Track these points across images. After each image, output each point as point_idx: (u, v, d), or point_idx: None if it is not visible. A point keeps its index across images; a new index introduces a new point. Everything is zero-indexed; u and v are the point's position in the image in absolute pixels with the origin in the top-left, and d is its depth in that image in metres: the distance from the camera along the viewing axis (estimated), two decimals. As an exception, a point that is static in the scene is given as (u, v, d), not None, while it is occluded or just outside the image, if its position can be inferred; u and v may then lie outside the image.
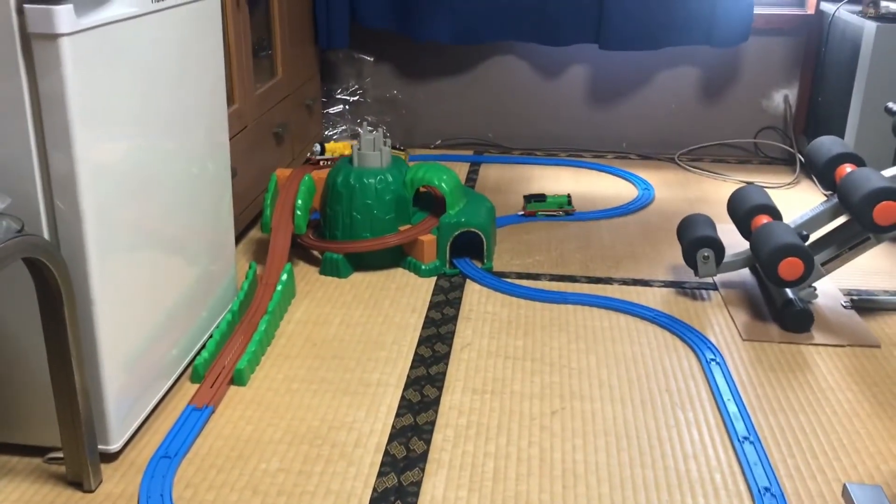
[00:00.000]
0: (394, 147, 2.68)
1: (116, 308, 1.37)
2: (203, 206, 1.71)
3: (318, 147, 2.46)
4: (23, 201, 1.25)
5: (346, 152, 2.10)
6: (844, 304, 2.01)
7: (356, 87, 3.23)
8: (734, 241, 2.29)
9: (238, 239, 2.36)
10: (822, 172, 2.02)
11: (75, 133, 1.24)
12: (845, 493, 1.25)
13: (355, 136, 3.19)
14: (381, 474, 1.40)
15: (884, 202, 1.77)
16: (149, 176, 1.46)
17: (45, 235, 1.27)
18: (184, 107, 1.58)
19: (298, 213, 2.15)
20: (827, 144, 2.05)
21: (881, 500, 1.22)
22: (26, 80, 1.20)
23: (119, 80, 1.34)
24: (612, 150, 3.30)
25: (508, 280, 2.15)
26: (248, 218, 2.36)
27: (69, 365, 1.26)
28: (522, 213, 2.62)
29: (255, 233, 2.43)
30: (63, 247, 1.28)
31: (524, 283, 2.14)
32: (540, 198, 2.65)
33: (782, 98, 3.16)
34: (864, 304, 2.01)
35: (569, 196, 2.67)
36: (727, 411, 1.58)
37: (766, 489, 1.37)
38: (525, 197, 2.67)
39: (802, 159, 3.04)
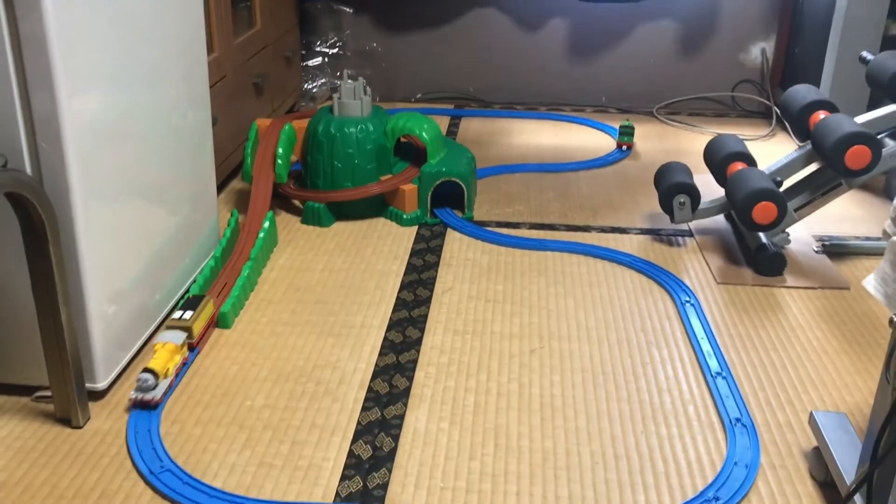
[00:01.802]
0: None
1: (101, 250, 1.39)
2: (184, 154, 1.71)
3: None
4: (5, 141, 1.25)
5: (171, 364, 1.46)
6: (816, 249, 2.06)
7: (335, 39, 3.22)
8: (710, 191, 2.33)
9: (220, 189, 2.37)
10: (796, 120, 2.05)
11: (57, 75, 1.24)
12: (812, 420, 1.30)
13: (334, 89, 3.18)
14: (364, 409, 1.44)
15: (855, 146, 1.81)
16: (129, 121, 1.47)
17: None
18: (163, 54, 1.58)
19: (279, 161, 2.16)
20: (802, 92, 2.08)
21: (845, 426, 1.27)
22: (6, 20, 1.20)
23: (99, 24, 1.34)
24: (592, 104, 3.32)
25: (489, 229, 2.18)
26: (230, 168, 2.36)
27: (55, 302, 1.28)
28: (624, 147, 2.80)
29: (236, 183, 2.44)
30: (47, 187, 1.29)
31: (504, 231, 2.17)
32: (628, 129, 2.80)
33: (760, 51, 3.18)
34: (834, 249, 2.06)
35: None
36: (701, 349, 1.63)
37: (738, 419, 1.42)
38: (619, 133, 2.81)
39: (779, 112, 3.08)
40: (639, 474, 1.30)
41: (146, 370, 1.34)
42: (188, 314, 1.45)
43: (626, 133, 2.78)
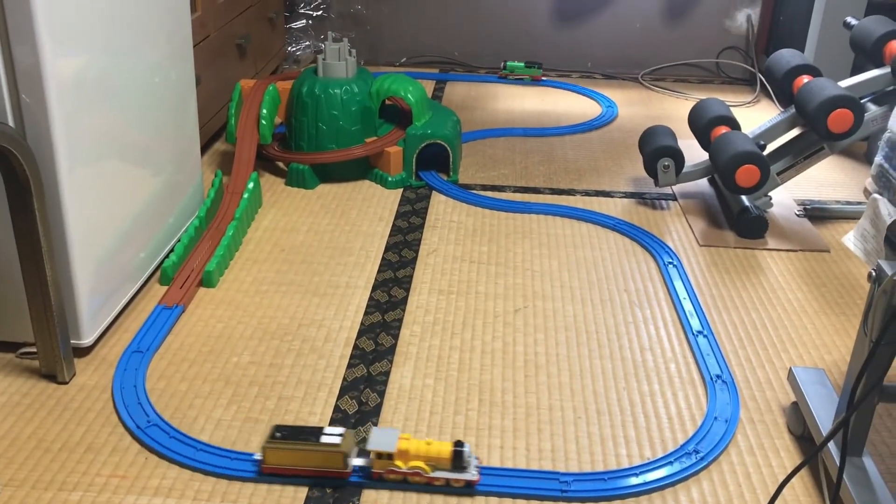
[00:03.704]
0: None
1: (85, 207, 1.38)
2: (168, 113, 1.70)
3: None
4: (-14, 94, 1.24)
5: None
6: (797, 213, 2.08)
7: (320, 1, 3.18)
8: (694, 156, 2.34)
9: (203, 150, 2.35)
10: (780, 84, 2.06)
11: (38, 28, 1.22)
12: (790, 375, 1.32)
13: (319, 52, 3.16)
14: (350, 366, 1.45)
15: (838, 110, 1.82)
16: (113, 78, 1.45)
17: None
18: (147, 11, 1.56)
19: (263, 122, 2.15)
20: (786, 56, 2.08)
21: (823, 381, 1.30)
22: (-15, -32, 1.18)
23: (81, -28, 1.32)
24: (577, 70, 3.31)
25: (474, 192, 2.18)
26: (213, 129, 2.34)
27: (40, 257, 1.27)
28: (542, 77, 3.14)
29: (220, 144, 2.42)
30: (30, 143, 1.28)
31: (489, 194, 2.17)
32: (535, 63, 3.16)
33: (745, 18, 3.18)
34: (816, 213, 2.08)
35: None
36: (683, 309, 1.65)
37: (718, 376, 1.44)
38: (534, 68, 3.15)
39: (763, 79, 3.08)
40: (620, 428, 1.32)
41: (460, 444, 1.18)
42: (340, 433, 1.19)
43: (539, 66, 3.14)
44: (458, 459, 1.17)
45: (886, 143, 1.24)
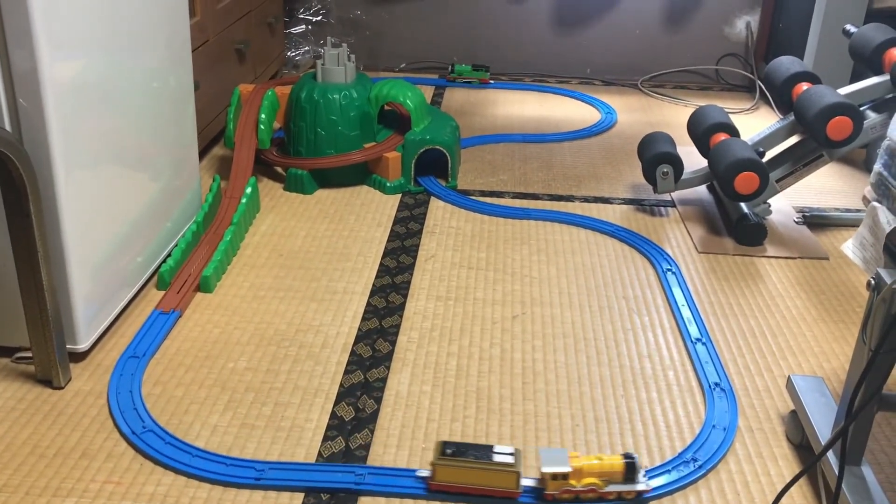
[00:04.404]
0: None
1: (81, 211, 1.38)
2: (166, 118, 1.70)
3: None
4: (-17, 97, 1.24)
5: None
6: (797, 220, 2.08)
7: (319, 6, 3.18)
8: (693, 162, 2.34)
9: (201, 155, 2.35)
10: (779, 91, 2.06)
11: (36, 32, 1.22)
12: (789, 383, 1.32)
13: (318, 57, 3.16)
14: (347, 372, 1.44)
15: (837, 117, 1.82)
16: (111, 83, 1.45)
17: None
18: (146, 16, 1.56)
19: (262, 127, 2.14)
20: (785, 64, 2.08)
21: (822, 389, 1.29)
22: (-17, -28, 1.18)
23: (79, -23, 1.32)
24: (577, 76, 3.31)
25: (472, 197, 2.18)
26: (212, 134, 2.34)
27: (36, 261, 1.27)
28: (490, 81, 3.19)
29: (218, 149, 2.42)
30: (27, 147, 1.27)
31: (488, 200, 2.17)
32: (482, 66, 3.20)
33: (744, 25, 3.19)
34: (815, 220, 2.08)
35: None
36: (681, 316, 1.64)
37: (716, 384, 1.44)
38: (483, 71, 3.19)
39: (762, 86, 3.09)
40: (618, 436, 1.31)
41: (629, 456, 1.18)
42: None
43: (487, 69, 3.17)
44: (630, 472, 1.17)
45: (885, 150, 1.24)
